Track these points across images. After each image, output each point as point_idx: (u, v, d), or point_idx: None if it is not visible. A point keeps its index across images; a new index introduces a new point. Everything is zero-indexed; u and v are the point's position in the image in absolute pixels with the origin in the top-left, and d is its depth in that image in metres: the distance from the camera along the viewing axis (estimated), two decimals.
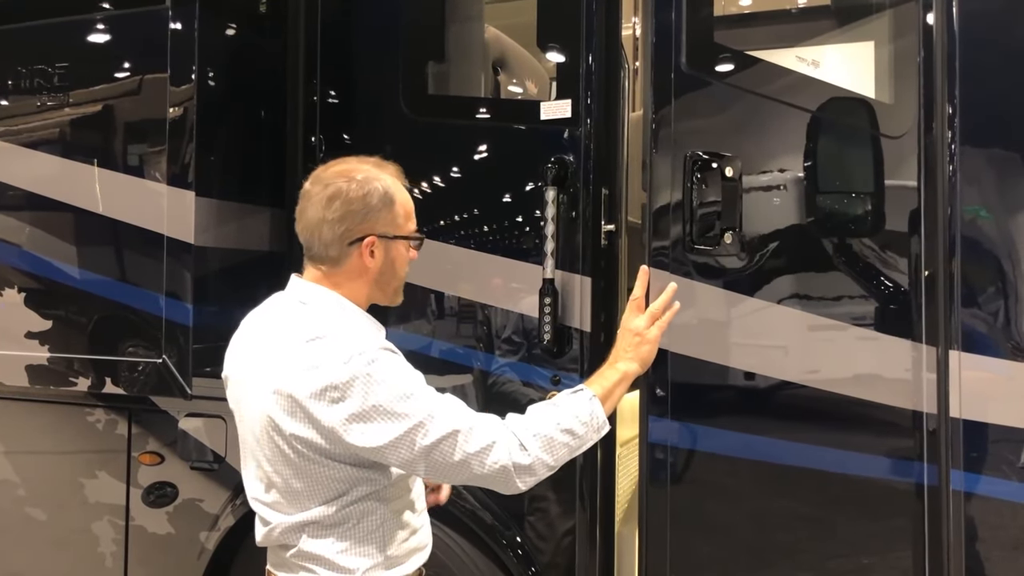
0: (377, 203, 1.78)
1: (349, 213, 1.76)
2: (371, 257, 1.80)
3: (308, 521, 1.73)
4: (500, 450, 1.69)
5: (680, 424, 2.32)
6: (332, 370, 1.64)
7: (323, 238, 1.78)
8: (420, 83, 2.88)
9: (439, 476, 1.74)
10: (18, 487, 3.29)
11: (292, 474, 1.72)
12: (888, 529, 2.28)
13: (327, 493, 1.72)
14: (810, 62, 2.57)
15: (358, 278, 1.81)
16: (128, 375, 2.86)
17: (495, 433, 1.71)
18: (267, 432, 1.72)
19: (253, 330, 1.85)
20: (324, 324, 1.73)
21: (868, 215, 2.35)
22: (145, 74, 2.85)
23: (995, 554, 2.18)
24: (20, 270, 3.03)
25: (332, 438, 1.67)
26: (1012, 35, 2.24)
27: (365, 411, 1.64)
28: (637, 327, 2.03)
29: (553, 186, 2.52)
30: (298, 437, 1.68)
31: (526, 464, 1.71)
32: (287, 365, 1.69)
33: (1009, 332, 2.18)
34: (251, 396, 1.77)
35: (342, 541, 1.73)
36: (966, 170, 2.18)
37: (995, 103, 2.23)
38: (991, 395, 2.17)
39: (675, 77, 2.32)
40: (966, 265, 2.18)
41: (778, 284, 2.32)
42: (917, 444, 2.21)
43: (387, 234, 1.80)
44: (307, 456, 1.70)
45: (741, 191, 2.24)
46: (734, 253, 2.24)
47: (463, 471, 1.69)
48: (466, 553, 2.60)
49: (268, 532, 1.80)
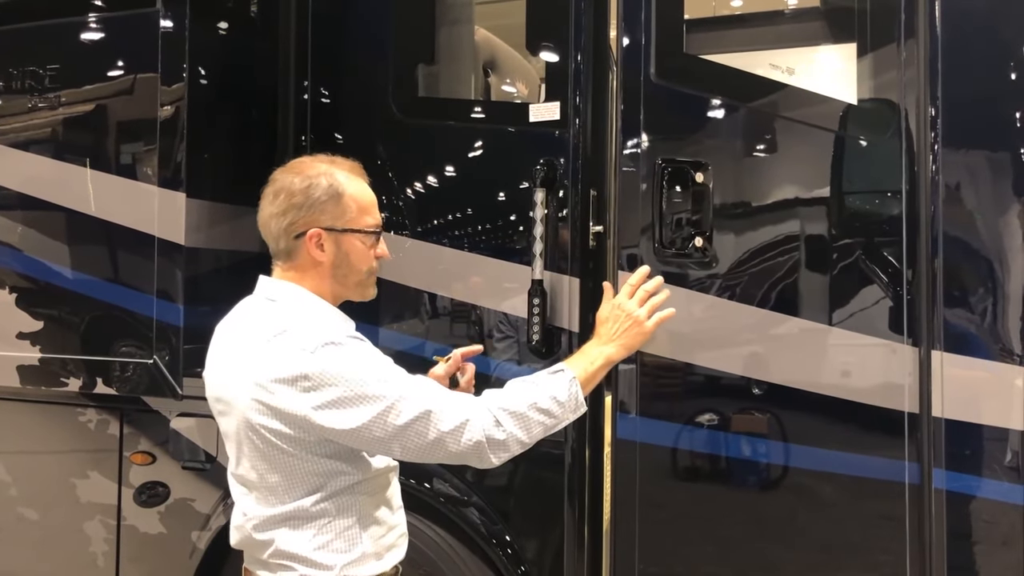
0: (320, 195, 1.78)
1: (292, 206, 1.78)
2: (320, 250, 1.80)
3: (285, 516, 1.73)
4: (474, 427, 1.69)
5: (647, 421, 2.37)
6: (299, 360, 1.66)
7: (272, 232, 1.82)
8: (410, 85, 2.89)
9: (414, 456, 1.72)
10: (9, 487, 3.29)
11: (268, 468, 1.73)
12: (870, 528, 2.30)
13: (303, 487, 1.73)
14: (784, 69, 2.60)
15: (314, 272, 1.82)
16: (119, 375, 2.86)
17: (468, 410, 1.71)
18: (244, 430, 1.74)
19: (226, 332, 1.87)
20: (289, 317, 1.74)
21: (843, 218, 2.37)
22: (136, 75, 2.85)
23: (978, 552, 2.21)
24: (11, 271, 3.03)
25: (306, 426, 1.68)
26: (995, 35, 2.27)
27: (337, 397, 1.65)
28: (633, 310, 1.95)
29: (542, 188, 2.53)
30: (273, 430, 1.69)
31: (500, 440, 1.71)
32: (256, 361, 1.70)
33: (992, 332, 2.21)
34: (228, 397, 1.78)
35: (319, 537, 1.73)
36: (948, 170, 2.21)
37: (977, 103, 2.25)
38: (974, 395, 2.20)
39: (644, 87, 2.38)
40: (948, 265, 2.20)
41: (753, 287, 2.36)
42: (898, 443, 2.24)
43: (333, 227, 1.80)
44: (283, 449, 1.70)
45: (711, 197, 2.27)
46: (706, 257, 2.27)
47: (438, 449, 1.69)
48: (455, 551, 2.61)
49: (242, 525, 1.80)
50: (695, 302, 2.36)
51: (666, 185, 2.25)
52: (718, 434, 2.37)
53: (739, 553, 2.40)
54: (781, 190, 2.43)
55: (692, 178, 2.18)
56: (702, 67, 2.45)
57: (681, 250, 2.29)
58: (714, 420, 2.35)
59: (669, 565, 2.43)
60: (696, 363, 2.41)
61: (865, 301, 2.31)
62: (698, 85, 2.40)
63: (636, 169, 2.35)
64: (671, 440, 2.39)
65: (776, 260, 2.40)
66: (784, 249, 2.37)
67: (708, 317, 2.40)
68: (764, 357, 2.38)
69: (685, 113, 2.38)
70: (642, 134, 2.34)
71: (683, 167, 2.25)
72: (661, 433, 2.39)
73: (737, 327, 2.40)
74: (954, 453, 2.18)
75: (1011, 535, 2.18)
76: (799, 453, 2.34)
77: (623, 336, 1.93)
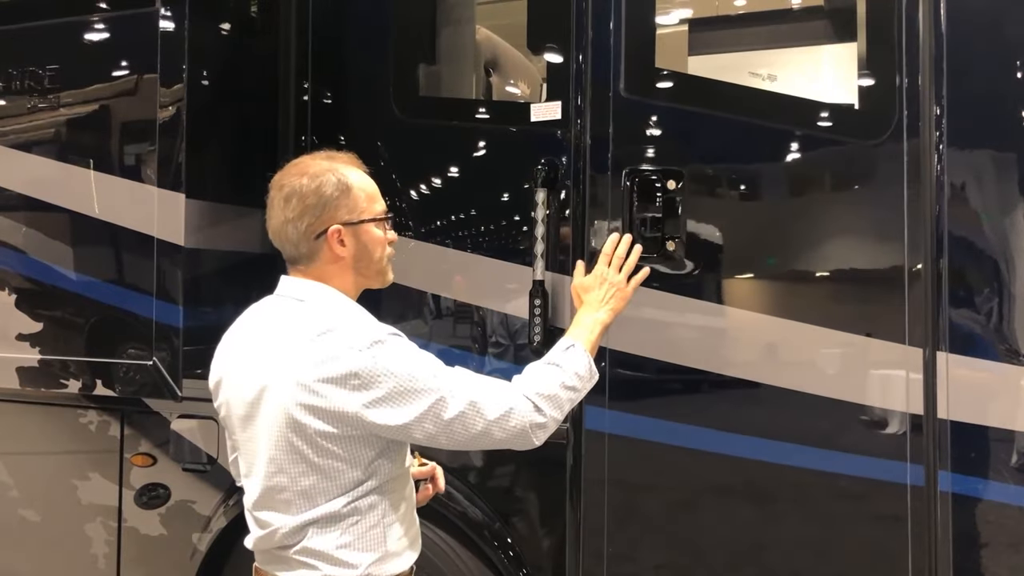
0: (332, 192, 1.80)
1: (307, 208, 1.79)
2: (341, 245, 1.82)
3: (316, 518, 1.74)
4: (517, 415, 1.77)
5: (618, 414, 2.43)
6: (349, 359, 1.68)
7: (290, 238, 1.82)
8: (411, 84, 2.88)
9: (460, 445, 1.78)
10: (10, 489, 3.29)
11: (304, 471, 1.73)
12: (871, 530, 2.29)
13: (338, 487, 1.74)
14: (765, 76, 2.63)
15: (337, 269, 1.84)
16: (118, 377, 2.85)
17: (510, 399, 1.79)
18: (282, 431, 1.72)
19: (250, 333, 1.85)
20: (329, 317, 1.76)
21: (846, 220, 2.37)
22: (135, 75, 2.84)
23: (984, 555, 2.19)
24: (9, 272, 3.02)
25: (356, 424, 1.70)
26: (999, 33, 2.25)
27: (388, 393, 1.69)
28: (613, 277, 2.13)
29: (543, 188, 2.52)
30: (320, 432, 1.70)
31: (542, 423, 1.81)
32: (302, 362, 1.70)
33: (998, 333, 2.19)
34: (258, 399, 1.76)
35: (345, 536, 1.74)
36: (953, 170, 2.19)
37: (983, 102, 2.23)
38: (980, 396, 2.18)
39: (614, 102, 2.45)
40: (953, 266, 2.19)
41: (748, 290, 2.41)
42: (902, 445, 2.22)
43: (351, 220, 1.82)
44: (326, 449, 1.71)
45: (681, 203, 2.32)
46: (677, 259, 2.33)
47: (484, 439, 1.76)
48: (457, 554, 2.60)
49: (269, 534, 1.78)
50: (678, 303, 2.41)
51: (636, 194, 2.35)
52: (693, 430, 2.40)
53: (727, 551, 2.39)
54: (783, 193, 2.43)
55: (664, 186, 2.30)
56: (673, 80, 2.53)
57: (651, 252, 2.36)
58: (677, 412, 2.42)
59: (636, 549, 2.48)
60: (696, 366, 2.43)
61: (867, 302, 2.29)
62: (669, 98, 2.49)
63: (608, 177, 2.45)
64: (643, 434, 2.44)
65: (776, 262, 2.41)
66: (783, 253, 2.39)
67: (707, 321, 2.41)
68: (766, 359, 2.37)
69: (657, 124, 2.47)
70: (610, 145, 2.43)
71: (653, 175, 2.36)
72: (632, 426, 2.44)
73: (738, 331, 2.40)
74: (960, 455, 2.16)
75: (1018, 537, 2.16)
76: (802, 454, 2.32)
77: (610, 301, 2.10)
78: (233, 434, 1.87)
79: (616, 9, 2.48)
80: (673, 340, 2.41)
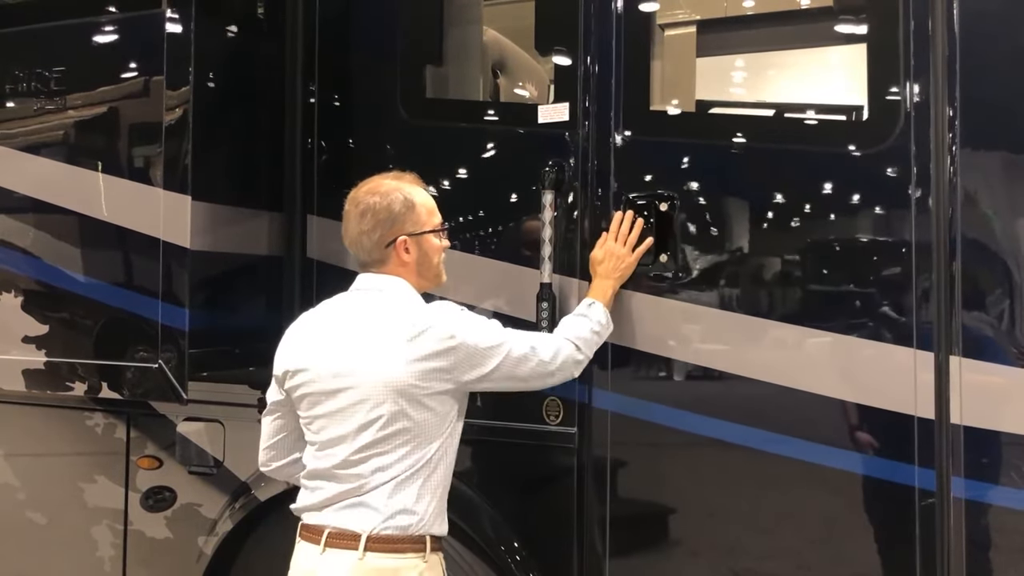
0: (400, 209, 2.19)
1: (379, 222, 2.18)
2: (407, 253, 2.21)
3: (403, 471, 2.06)
4: (563, 353, 2.25)
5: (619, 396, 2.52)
6: (441, 326, 2.09)
7: (364, 247, 2.21)
8: (418, 86, 2.87)
9: (525, 383, 2.22)
10: (17, 491, 3.29)
11: (402, 428, 2.06)
12: (879, 533, 2.27)
13: (427, 440, 2.08)
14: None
15: (404, 272, 2.22)
16: (125, 379, 2.85)
17: (557, 342, 2.27)
18: (386, 394, 2.05)
19: (333, 319, 2.19)
20: (412, 297, 2.19)
21: (853, 225, 2.36)
22: (142, 77, 2.84)
23: (996, 561, 2.16)
24: (16, 274, 3.03)
25: (451, 379, 2.10)
26: (1012, 34, 2.23)
27: (474, 348, 2.11)
28: (619, 251, 2.45)
29: (551, 190, 2.51)
30: (424, 390, 2.06)
31: (581, 359, 2.29)
32: (399, 333, 2.07)
33: (1011, 337, 2.17)
34: (354, 372, 2.08)
35: (422, 487, 2.08)
36: (966, 172, 2.17)
37: (996, 103, 2.21)
38: (993, 400, 2.15)
39: (613, 142, 2.53)
40: (966, 269, 2.16)
41: (760, 296, 2.44)
42: (913, 449, 2.20)
43: (415, 232, 2.21)
44: (425, 406, 2.07)
45: (675, 221, 2.46)
46: (670, 270, 2.47)
47: (543, 372, 2.21)
48: (464, 559, 2.59)
49: (356, 488, 2.07)
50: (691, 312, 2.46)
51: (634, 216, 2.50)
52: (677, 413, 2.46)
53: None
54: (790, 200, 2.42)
55: (658, 208, 2.48)
56: (667, 120, 2.73)
57: (645, 263, 2.48)
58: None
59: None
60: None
61: (879, 307, 2.27)
62: (664, 135, 2.61)
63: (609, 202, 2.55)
64: (648, 416, 2.50)
65: (788, 268, 2.41)
66: (794, 258, 2.40)
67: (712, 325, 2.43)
68: (777, 361, 2.35)
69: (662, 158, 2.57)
70: (611, 178, 2.55)
71: (649, 199, 2.51)
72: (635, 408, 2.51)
73: (751, 335, 2.38)
74: (972, 460, 2.14)
75: None
76: (805, 453, 2.31)
77: (617, 271, 2.45)
78: (311, 409, 2.15)
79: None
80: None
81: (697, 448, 2.45)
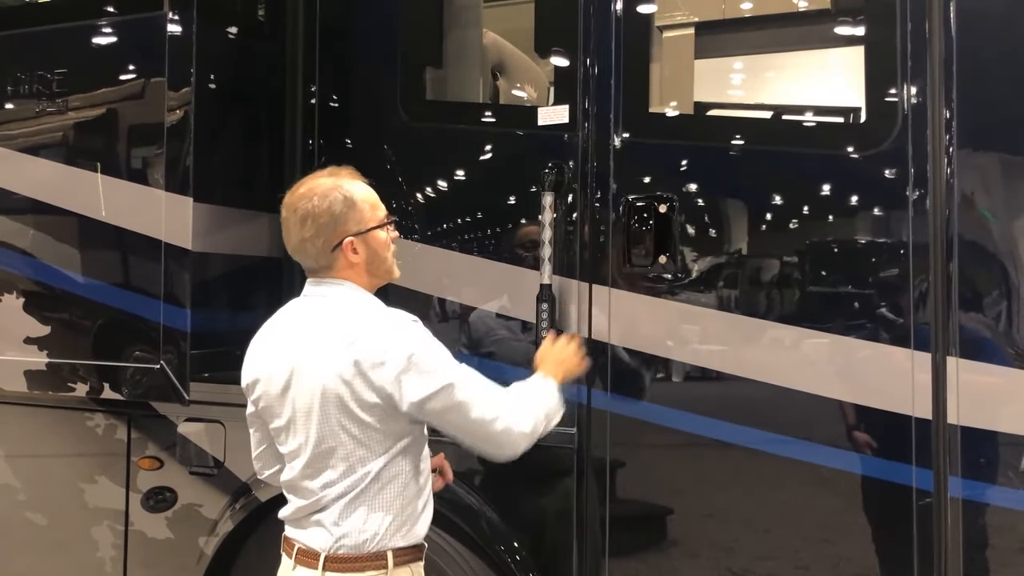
0: (341, 209, 2.04)
1: (321, 227, 2.03)
2: (355, 254, 2.06)
3: (351, 486, 1.96)
4: (507, 419, 2.02)
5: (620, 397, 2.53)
6: (379, 340, 1.94)
7: (309, 254, 2.06)
8: (418, 88, 2.88)
9: (457, 429, 2.01)
10: (18, 492, 3.29)
11: (346, 440, 1.96)
12: (880, 535, 2.28)
13: (373, 454, 1.97)
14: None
15: (353, 273, 2.08)
16: (126, 380, 2.86)
17: (506, 403, 2.05)
18: (327, 409, 1.95)
19: (283, 330, 2.09)
20: (354, 306, 2.04)
21: (850, 226, 2.38)
22: (143, 79, 2.85)
23: (993, 560, 2.18)
24: (17, 275, 3.03)
25: (386, 396, 1.94)
26: (1009, 37, 2.24)
27: (412, 368, 1.93)
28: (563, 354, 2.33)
29: (550, 191, 2.52)
30: (361, 404, 1.93)
31: (526, 432, 2.05)
32: (337, 345, 1.95)
33: (1008, 337, 2.18)
34: (301, 384, 1.98)
35: (372, 501, 1.98)
36: (963, 173, 2.18)
37: (993, 105, 2.22)
38: (990, 401, 2.17)
39: (613, 144, 2.53)
40: (963, 269, 2.17)
41: (761, 297, 2.44)
42: (910, 450, 2.21)
43: (360, 230, 2.06)
44: (365, 422, 1.94)
45: (674, 223, 2.45)
46: (669, 271, 2.46)
47: (479, 428, 2.00)
48: (464, 559, 2.59)
49: (312, 503, 2.00)
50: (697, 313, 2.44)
51: (634, 218, 2.50)
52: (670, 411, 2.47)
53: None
54: (789, 202, 2.44)
55: (657, 210, 2.47)
56: (665, 122, 2.72)
57: (643, 265, 2.49)
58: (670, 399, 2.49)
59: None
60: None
61: (877, 308, 2.28)
62: (663, 137, 2.62)
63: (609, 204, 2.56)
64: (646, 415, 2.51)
65: (786, 269, 2.41)
66: (792, 259, 2.41)
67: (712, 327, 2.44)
68: (777, 362, 2.37)
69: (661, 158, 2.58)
70: (610, 180, 2.55)
71: (648, 201, 2.50)
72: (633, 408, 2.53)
73: (749, 335, 2.40)
74: (969, 460, 2.15)
75: None
76: (803, 454, 2.32)
77: (560, 367, 2.29)
78: (272, 421, 2.07)
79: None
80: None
81: (696, 448, 2.46)
